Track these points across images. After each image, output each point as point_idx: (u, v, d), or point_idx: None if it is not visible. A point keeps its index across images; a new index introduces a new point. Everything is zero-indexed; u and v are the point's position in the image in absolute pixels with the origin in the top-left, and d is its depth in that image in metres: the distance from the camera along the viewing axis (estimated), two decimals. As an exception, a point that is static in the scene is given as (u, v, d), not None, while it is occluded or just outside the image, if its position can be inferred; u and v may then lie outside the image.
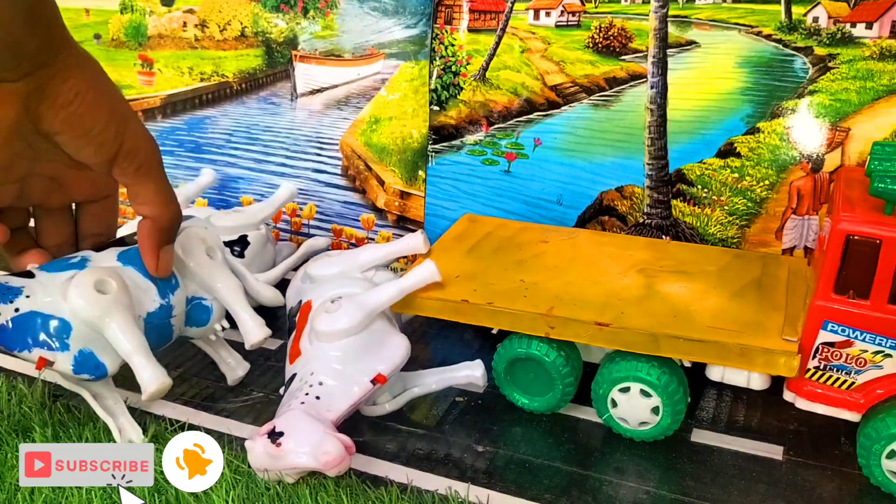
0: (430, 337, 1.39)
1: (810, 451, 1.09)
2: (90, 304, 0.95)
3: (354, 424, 1.16)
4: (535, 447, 1.11)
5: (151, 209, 0.74)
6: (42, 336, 0.97)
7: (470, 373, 1.18)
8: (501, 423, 1.16)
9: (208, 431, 1.14)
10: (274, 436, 0.96)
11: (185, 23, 1.71)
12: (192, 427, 1.16)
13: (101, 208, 0.81)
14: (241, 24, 1.65)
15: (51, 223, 0.78)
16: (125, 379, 1.28)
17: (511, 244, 1.32)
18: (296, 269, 1.44)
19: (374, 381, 1.06)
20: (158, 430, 1.13)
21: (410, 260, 1.54)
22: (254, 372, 1.30)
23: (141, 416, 1.19)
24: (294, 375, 1.10)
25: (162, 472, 1.04)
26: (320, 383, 1.06)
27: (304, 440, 0.95)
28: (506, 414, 1.18)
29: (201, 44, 1.70)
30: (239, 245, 1.40)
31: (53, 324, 0.97)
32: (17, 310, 0.96)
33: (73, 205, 0.86)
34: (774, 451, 1.09)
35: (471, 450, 1.11)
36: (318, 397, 1.04)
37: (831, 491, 1.02)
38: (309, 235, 1.66)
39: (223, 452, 1.08)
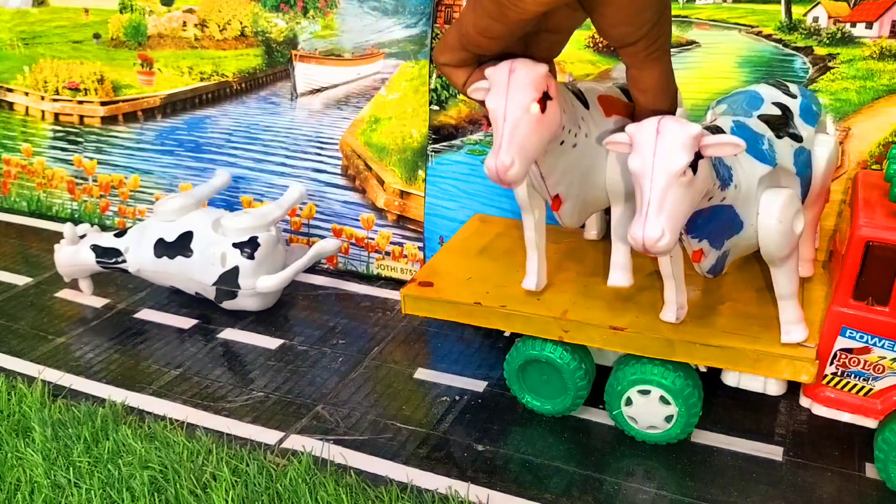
0: (430, 336, 1.39)
1: (810, 451, 1.09)
2: None
3: (355, 423, 1.16)
4: (536, 447, 1.11)
5: (646, 97, 0.73)
6: None
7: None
8: (502, 423, 1.16)
9: (208, 431, 1.14)
10: None
11: (184, 22, 1.71)
12: (191, 426, 1.16)
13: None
14: (241, 23, 1.65)
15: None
16: (126, 379, 1.29)
17: (523, 245, 1.30)
18: (306, 271, 1.47)
19: None
20: (158, 430, 1.13)
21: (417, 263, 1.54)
22: (254, 372, 1.30)
23: (140, 415, 1.19)
24: None
25: (159, 472, 1.05)
26: None
27: None
28: (506, 413, 1.18)
29: (201, 43, 1.70)
30: (249, 246, 1.40)
31: None
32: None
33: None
34: (774, 452, 1.09)
35: (471, 449, 1.10)
36: None
37: (831, 491, 1.02)
38: (309, 235, 1.66)
39: (224, 452, 1.08)
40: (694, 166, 0.84)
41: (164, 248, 1.44)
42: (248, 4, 1.63)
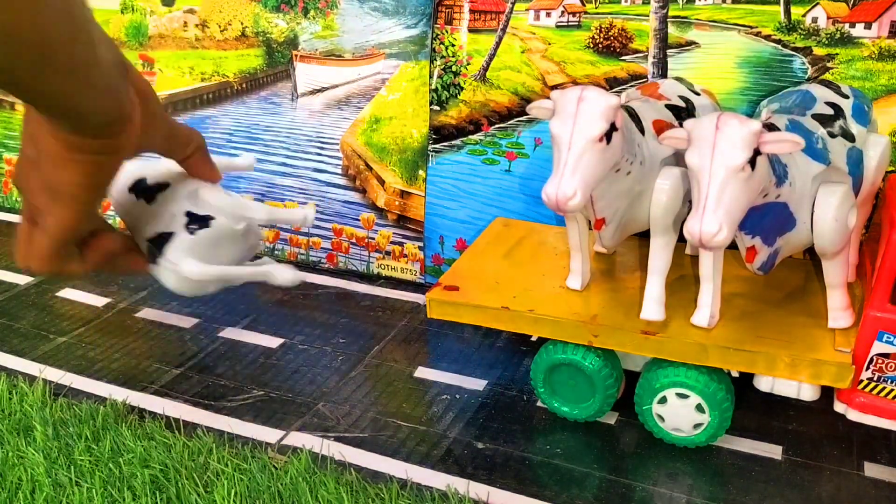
0: (430, 335, 1.40)
1: (809, 450, 1.09)
2: None
3: (356, 420, 1.16)
4: (535, 444, 1.11)
5: (183, 150, 0.74)
6: None
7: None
8: (501, 420, 1.16)
9: (209, 429, 1.15)
10: None
11: (185, 23, 1.72)
12: (192, 424, 1.16)
13: None
14: (242, 24, 1.65)
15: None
16: (127, 378, 1.29)
17: (547, 249, 1.29)
18: (307, 269, 1.42)
19: None
20: (156, 428, 1.14)
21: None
22: (255, 370, 1.30)
23: (141, 414, 1.19)
24: None
25: (160, 471, 1.05)
26: None
27: None
28: (506, 411, 1.18)
29: (202, 44, 1.71)
30: (199, 222, 1.21)
31: None
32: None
33: None
34: (774, 451, 1.09)
35: (471, 446, 1.11)
36: None
37: (830, 490, 1.02)
38: (309, 235, 1.66)
39: (225, 451, 1.09)
40: (752, 162, 0.84)
41: (139, 189, 1.32)
42: (248, 5, 1.64)
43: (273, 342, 1.39)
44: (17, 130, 1.96)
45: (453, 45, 1.44)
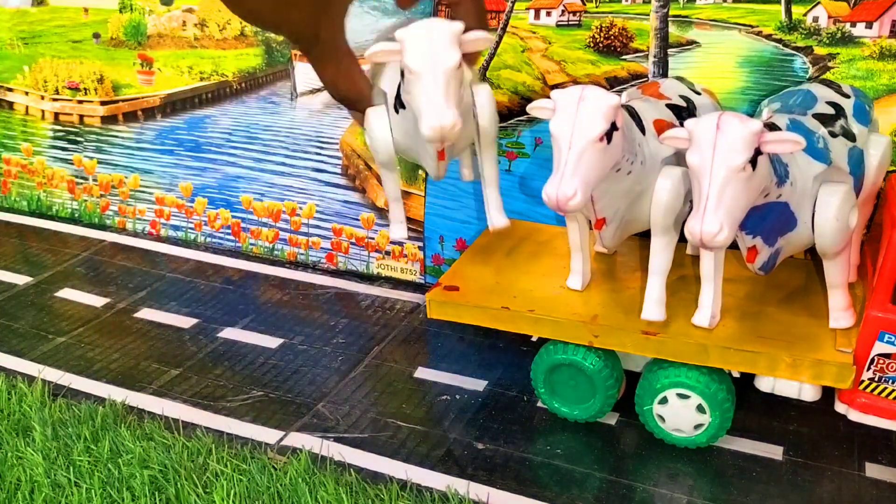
0: (430, 335, 1.39)
1: (810, 451, 1.09)
2: None
3: (355, 421, 1.16)
4: (536, 445, 1.11)
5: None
6: None
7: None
8: (501, 421, 1.16)
9: (208, 430, 1.14)
10: None
11: (184, 22, 1.71)
12: (191, 425, 1.16)
13: None
14: (241, 23, 1.65)
15: None
16: (126, 379, 1.29)
17: (548, 249, 1.29)
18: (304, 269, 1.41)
19: None
20: (155, 428, 1.13)
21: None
22: (254, 371, 1.30)
23: (140, 414, 1.19)
24: None
25: (160, 471, 1.05)
26: None
27: None
28: (506, 412, 1.18)
29: (201, 43, 1.70)
30: None
31: None
32: None
33: None
34: (774, 452, 1.09)
35: (471, 447, 1.11)
36: None
37: (830, 491, 1.02)
38: (309, 235, 1.66)
39: (224, 451, 1.08)
40: (753, 162, 0.84)
41: None
42: (248, 4, 1.63)
43: (273, 342, 1.38)
44: (16, 130, 1.95)
45: (453, 45, 1.44)
